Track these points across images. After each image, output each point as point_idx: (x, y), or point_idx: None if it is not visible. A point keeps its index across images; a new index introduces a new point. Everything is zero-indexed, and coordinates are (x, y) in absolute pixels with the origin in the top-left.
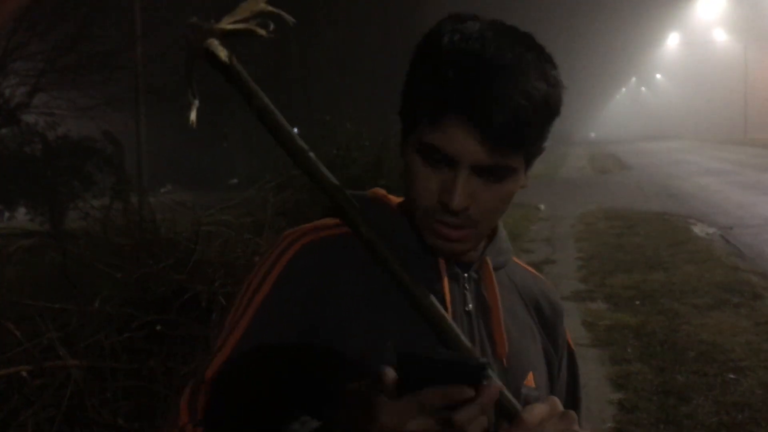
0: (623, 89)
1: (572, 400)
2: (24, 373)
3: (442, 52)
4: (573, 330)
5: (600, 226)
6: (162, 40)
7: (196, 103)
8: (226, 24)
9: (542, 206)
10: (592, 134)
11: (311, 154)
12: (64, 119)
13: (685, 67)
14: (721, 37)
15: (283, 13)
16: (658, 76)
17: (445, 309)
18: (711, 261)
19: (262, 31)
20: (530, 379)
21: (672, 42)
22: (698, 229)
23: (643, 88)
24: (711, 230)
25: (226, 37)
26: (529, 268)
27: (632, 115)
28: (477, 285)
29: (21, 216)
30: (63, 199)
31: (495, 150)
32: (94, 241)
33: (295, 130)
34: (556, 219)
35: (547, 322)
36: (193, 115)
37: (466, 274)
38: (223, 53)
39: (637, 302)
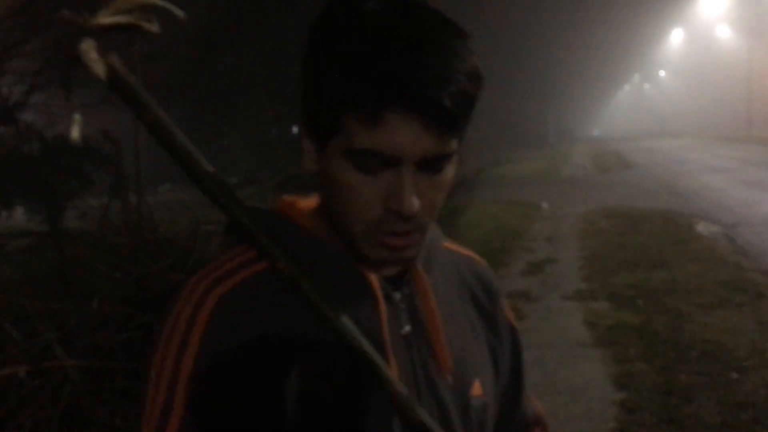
0: (626, 86)
1: (515, 381)
2: (22, 373)
3: (363, 36)
4: (575, 329)
5: (602, 224)
6: (160, 36)
7: (78, 119)
8: (105, 18)
9: (544, 205)
10: (596, 132)
11: (215, 177)
12: (62, 118)
13: (689, 63)
14: (724, 33)
15: (171, 6)
16: (662, 72)
17: (383, 339)
18: (714, 260)
19: (149, 26)
20: (477, 387)
21: (675, 39)
22: (702, 228)
23: (646, 85)
24: (715, 229)
25: (106, 33)
26: (461, 250)
27: (635, 112)
28: (411, 300)
29: (19, 215)
30: (61, 198)
31: (438, 137)
32: (92, 241)
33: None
34: (558, 217)
35: (485, 310)
36: (75, 133)
37: (398, 293)
38: (97, 64)
39: (640, 301)
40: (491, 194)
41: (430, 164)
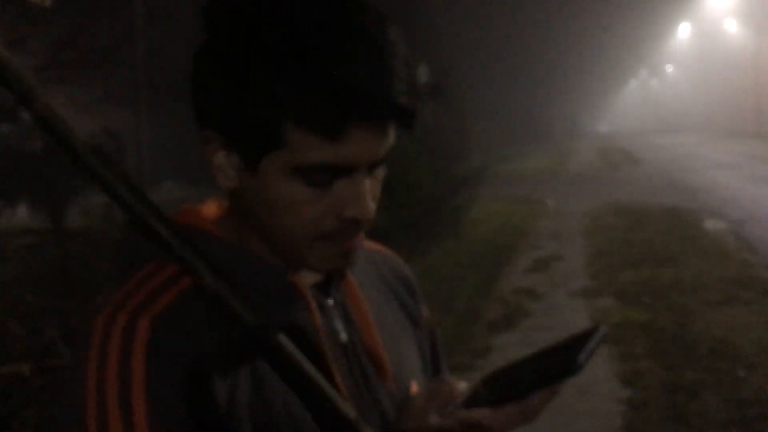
0: (633, 81)
1: (435, 370)
2: (26, 371)
3: (307, 33)
4: (581, 327)
5: (608, 221)
6: (163, 34)
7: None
8: None
9: (549, 201)
10: (603, 128)
11: (127, 179)
12: (65, 116)
13: (697, 58)
14: (732, 28)
15: None
16: (669, 67)
17: (320, 351)
18: (722, 256)
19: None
20: (414, 389)
21: (683, 33)
22: (709, 224)
23: (653, 80)
24: (722, 225)
25: None
26: (375, 246)
27: (642, 107)
28: (343, 307)
29: (21, 213)
30: (63, 195)
31: (390, 136)
32: (94, 239)
33: None
34: (563, 214)
35: (408, 305)
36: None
37: (330, 300)
38: None
39: (647, 298)
40: (496, 191)
41: (378, 164)
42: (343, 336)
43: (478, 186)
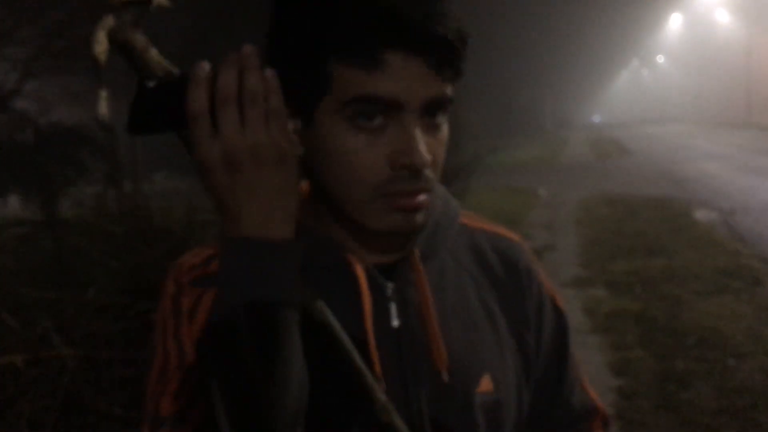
0: (625, 72)
1: (556, 367)
2: (19, 363)
3: None
4: (573, 317)
5: (601, 211)
6: (156, 23)
7: (104, 94)
8: None
9: (542, 192)
10: (596, 118)
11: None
12: (56, 105)
13: (688, 49)
14: (723, 18)
15: None
16: (660, 58)
17: (365, 332)
18: (712, 246)
19: (164, 1)
20: (486, 383)
21: (674, 24)
22: (700, 214)
23: (644, 71)
24: (713, 215)
25: (125, 8)
26: (483, 225)
27: (634, 98)
28: (405, 292)
29: (14, 204)
30: (56, 186)
31: (440, 78)
32: (88, 230)
33: None
34: (556, 204)
35: (507, 292)
36: (102, 108)
37: (390, 284)
38: (97, 45)
39: (638, 288)
40: (489, 181)
41: (431, 112)
42: (396, 322)
43: (471, 176)
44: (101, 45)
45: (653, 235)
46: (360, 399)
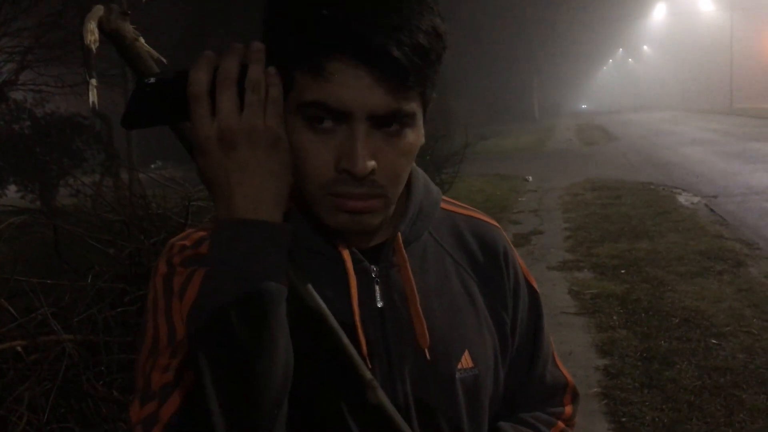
0: (610, 61)
1: (530, 345)
2: (19, 348)
3: None
4: (560, 299)
5: (587, 196)
6: (150, 12)
7: (94, 82)
8: None
9: (530, 178)
10: (584, 106)
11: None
12: (52, 96)
13: (672, 38)
14: (707, 7)
15: None
16: (645, 47)
17: (351, 313)
18: (695, 230)
19: None
20: (466, 359)
21: (658, 13)
22: (683, 199)
23: (630, 60)
24: (696, 199)
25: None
26: (463, 210)
27: (619, 86)
28: (388, 274)
29: (11, 193)
30: (53, 176)
31: (392, 92)
32: (85, 218)
33: None
34: (543, 190)
35: (486, 273)
36: (92, 97)
37: (375, 267)
38: (89, 34)
39: (623, 271)
40: (478, 168)
41: (385, 122)
42: (380, 303)
43: (461, 163)
44: (92, 35)
45: (638, 220)
46: (347, 378)
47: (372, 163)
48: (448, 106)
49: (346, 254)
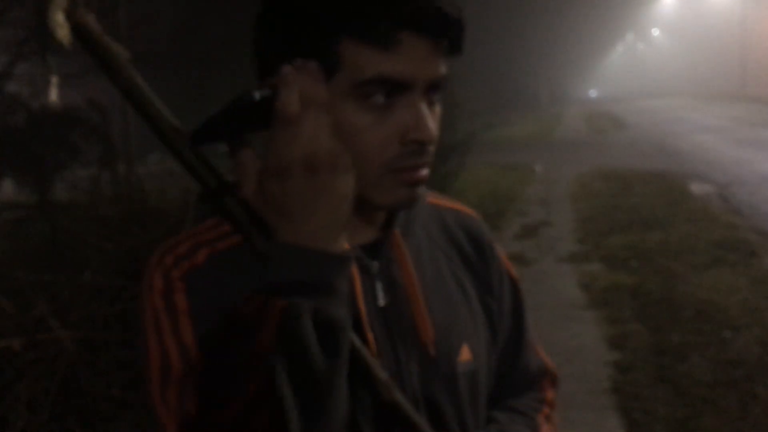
0: (619, 46)
1: (515, 334)
2: (16, 346)
3: None
4: (569, 292)
5: (596, 186)
6: (147, 4)
7: (55, 81)
8: None
9: (538, 168)
10: (593, 93)
11: (188, 146)
12: (48, 88)
13: (682, 22)
14: None
15: None
16: (655, 31)
17: (357, 312)
18: (708, 219)
19: None
20: (465, 352)
21: None
22: (695, 188)
23: (639, 44)
24: (708, 188)
25: None
26: (447, 203)
27: (629, 72)
28: (389, 270)
29: (7, 188)
30: (49, 169)
31: (443, 58)
32: (82, 213)
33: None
34: (551, 180)
35: (476, 266)
36: (53, 95)
37: (375, 263)
38: (60, 29)
39: (634, 262)
40: (484, 158)
41: (433, 90)
42: (382, 300)
43: (467, 153)
44: (63, 28)
45: (649, 209)
46: (360, 379)
47: (436, 132)
48: (453, 93)
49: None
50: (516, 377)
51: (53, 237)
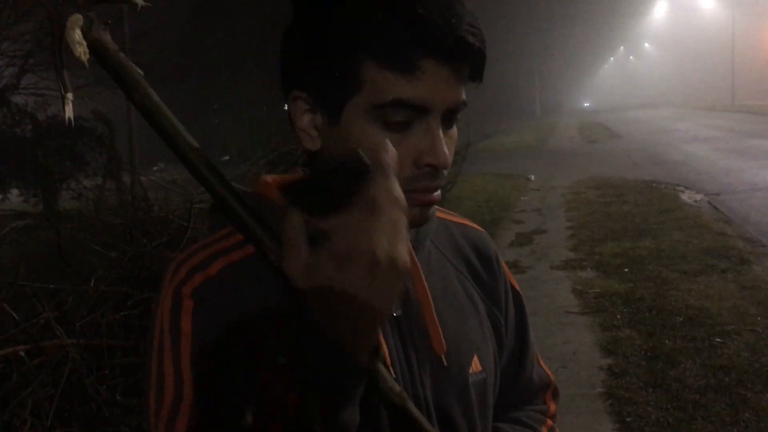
0: (611, 58)
1: (519, 346)
2: (22, 353)
3: None
4: (563, 298)
5: (589, 195)
6: (151, 15)
7: (70, 96)
8: None
9: (532, 176)
10: (586, 104)
11: (204, 161)
12: (54, 99)
13: (673, 35)
14: (708, 4)
15: None
16: (646, 44)
17: None
18: (699, 227)
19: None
20: (475, 363)
21: (659, 10)
22: (686, 196)
23: (631, 57)
24: (699, 197)
25: (93, 6)
26: (454, 218)
27: (621, 84)
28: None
29: (14, 197)
30: (55, 179)
31: (463, 86)
32: (87, 221)
33: None
34: (546, 189)
35: (484, 279)
36: (68, 112)
37: None
38: (78, 46)
39: (626, 269)
40: (480, 167)
41: (450, 116)
42: (398, 311)
43: (462, 162)
44: (81, 46)
45: (641, 218)
46: (372, 390)
47: (450, 158)
48: None
49: None
50: (520, 389)
51: (59, 245)
